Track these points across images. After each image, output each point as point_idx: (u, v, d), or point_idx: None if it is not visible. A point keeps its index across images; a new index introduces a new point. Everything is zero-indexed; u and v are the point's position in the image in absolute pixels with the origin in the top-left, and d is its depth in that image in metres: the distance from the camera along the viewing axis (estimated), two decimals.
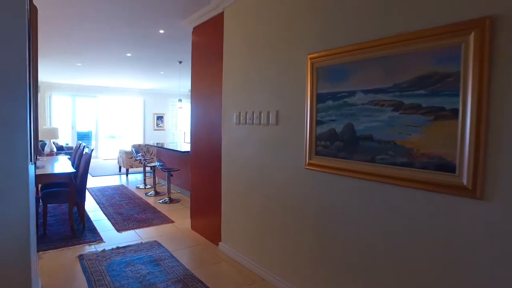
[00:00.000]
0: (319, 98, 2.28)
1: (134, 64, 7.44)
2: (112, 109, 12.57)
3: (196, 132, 4.18)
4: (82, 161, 4.49)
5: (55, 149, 7.86)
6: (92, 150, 4.56)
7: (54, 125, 11.26)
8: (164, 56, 6.63)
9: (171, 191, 6.00)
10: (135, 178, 8.14)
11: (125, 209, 5.25)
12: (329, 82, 2.20)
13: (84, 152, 4.68)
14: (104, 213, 5.04)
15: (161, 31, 4.77)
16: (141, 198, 5.97)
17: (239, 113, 3.14)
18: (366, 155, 1.97)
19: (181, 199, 5.96)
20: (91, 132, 12.20)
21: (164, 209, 5.32)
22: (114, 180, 7.91)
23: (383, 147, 1.87)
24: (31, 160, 1.39)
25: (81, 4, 3.77)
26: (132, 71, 8.50)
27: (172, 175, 5.86)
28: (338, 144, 2.15)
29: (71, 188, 4.01)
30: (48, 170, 4.26)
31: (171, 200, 5.77)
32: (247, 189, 3.10)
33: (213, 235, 3.80)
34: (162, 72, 8.72)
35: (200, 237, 4.06)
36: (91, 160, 11.34)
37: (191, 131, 4.28)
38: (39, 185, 4.86)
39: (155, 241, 3.89)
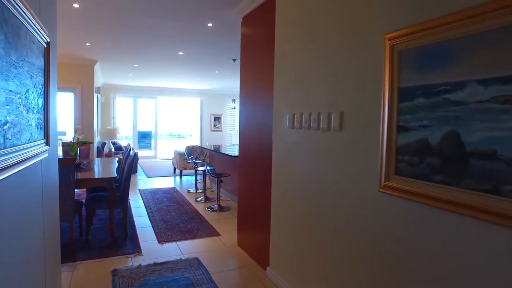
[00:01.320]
0: (402, 94, 1.60)
1: (187, 63, 7.21)
2: (170, 110, 12.73)
3: (244, 135, 3.68)
4: (126, 164, 4.24)
5: (113, 149, 7.97)
6: (136, 153, 4.28)
7: (117, 125, 11.66)
8: (217, 54, 6.27)
9: (221, 197, 5.59)
10: (189, 181, 7.94)
11: (171, 216, 4.94)
12: (418, 71, 1.51)
13: (129, 155, 4.44)
14: (150, 220, 4.77)
15: (209, 24, 4.35)
16: (189, 204, 5.65)
17: (293, 114, 2.55)
18: (483, 182, 1.26)
19: (231, 207, 5.52)
20: (151, 132, 12.46)
21: (212, 218, 4.91)
22: (168, 182, 7.77)
23: None
24: None
25: None
26: (187, 70, 8.33)
27: (222, 181, 5.44)
28: (432, 161, 1.46)
29: (110, 193, 3.75)
30: (92, 174, 4.07)
31: (221, 208, 5.36)
32: (300, 207, 2.50)
33: (261, 256, 3.25)
34: (217, 72, 8.43)
35: (246, 257, 3.54)
36: (149, 161, 11.68)
37: (240, 133, 3.79)
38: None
39: (195, 258, 3.45)
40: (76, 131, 4.43)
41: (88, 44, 5.59)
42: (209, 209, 5.36)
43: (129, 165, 4.12)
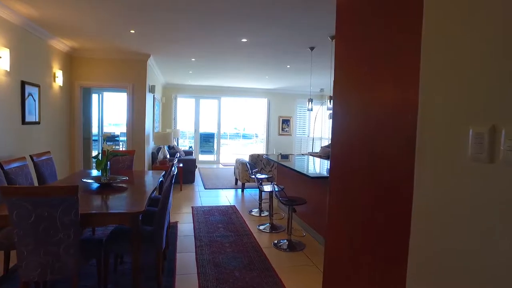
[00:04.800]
0: None
1: (252, 54, 5.91)
2: (234, 111, 11.68)
3: (341, 154, 2.18)
4: (163, 189, 3.04)
5: (168, 156, 7.02)
6: (174, 175, 3.05)
7: (178, 127, 10.91)
8: (289, 39, 4.86)
9: (293, 228, 4.14)
10: (252, 196, 6.65)
11: (226, 256, 3.64)
12: None
13: (169, 174, 3.23)
14: (196, 259, 3.53)
15: None
16: (250, 235, 4.32)
17: (491, 129, 1.02)
18: None
19: (307, 244, 4.06)
20: (214, 134, 11.53)
21: (279, 263, 3.51)
22: (227, 196, 6.57)
23: None
24: None
25: None
26: (252, 65, 7.04)
27: (295, 210, 4.01)
28: None
29: (133, 233, 2.56)
30: (115, 201, 2.94)
31: (291, 246, 3.93)
32: None
33: None
34: (288, 66, 7.03)
35: None
36: (210, 167, 10.58)
37: (333, 150, 2.30)
38: None
39: None
40: (105, 139, 3.35)
41: (132, 31, 4.58)
42: (275, 247, 3.97)
43: (166, 190, 2.90)
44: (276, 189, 4.13)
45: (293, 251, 3.86)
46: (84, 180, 3.41)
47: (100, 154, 3.45)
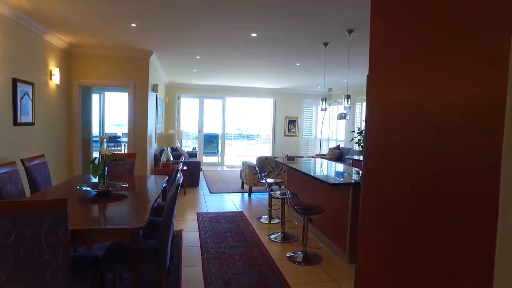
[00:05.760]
0: None
1: (261, 50, 5.55)
2: (239, 111, 11.35)
3: (379, 161, 1.83)
4: (168, 199, 2.69)
5: (171, 158, 6.68)
6: (180, 184, 2.70)
7: (182, 128, 10.58)
8: (302, 33, 4.51)
9: (309, 239, 3.77)
10: (260, 201, 6.29)
11: (236, 270, 3.29)
12: None
13: (174, 181, 2.89)
14: (204, 276, 3.19)
15: None
16: (261, 246, 3.97)
17: None
18: None
19: (323, 256, 3.71)
20: (218, 135, 11.19)
21: (295, 279, 3.16)
22: (234, 201, 6.22)
23: None
24: None
25: None
26: (259, 63, 6.69)
27: (311, 220, 3.65)
28: None
29: (132, 253, 2.21)
30: (112, 212, 2.59)
31: (307, 260, 3.58)
32: None
33: None
34: (297, 64, 6.67)
35: None
36: (215, 169, 10.19)
37: (366, 155, 1.94)
38: None
39: None
40: (102, 142, 3.01)
41: (133, 25, 4.24)
42: (289, 259, 3.62)
43: (171, 200, 2.55)
44: (289, 196, 3.78)
45: (309, 264, 3.51)
46: (79, 187, 3.06)
47: (98, 159, 3.11)
